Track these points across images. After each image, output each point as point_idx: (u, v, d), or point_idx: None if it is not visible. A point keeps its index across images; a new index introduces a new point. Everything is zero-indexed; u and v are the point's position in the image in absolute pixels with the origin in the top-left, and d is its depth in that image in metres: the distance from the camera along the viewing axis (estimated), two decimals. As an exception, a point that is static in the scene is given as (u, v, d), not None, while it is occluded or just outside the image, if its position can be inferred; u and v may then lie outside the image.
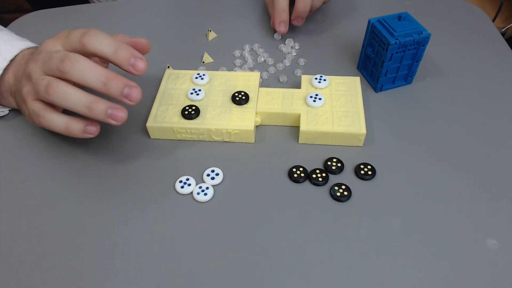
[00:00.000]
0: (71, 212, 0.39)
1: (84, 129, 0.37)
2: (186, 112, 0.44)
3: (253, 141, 0.45)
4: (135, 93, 0.36)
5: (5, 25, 0.53)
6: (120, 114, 0.36)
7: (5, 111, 0.47)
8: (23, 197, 0.41)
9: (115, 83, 0.35)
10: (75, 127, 0.37)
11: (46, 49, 0.38)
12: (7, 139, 0.46)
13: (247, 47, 0.56)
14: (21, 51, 0.44)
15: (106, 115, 0.35)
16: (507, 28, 0.94)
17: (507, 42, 0.58)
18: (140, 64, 0.36)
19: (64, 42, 0.38)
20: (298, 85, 0.49)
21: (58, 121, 0.37)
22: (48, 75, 0.37)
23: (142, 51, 0.39)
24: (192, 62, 0.54)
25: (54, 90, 0.36)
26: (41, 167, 0.43)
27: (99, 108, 0.35)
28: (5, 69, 0.43)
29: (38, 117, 0.38)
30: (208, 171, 0.42)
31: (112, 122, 0.36)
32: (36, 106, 0.38)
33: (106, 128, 0.45)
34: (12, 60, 0.43)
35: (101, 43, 0.36)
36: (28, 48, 0.45)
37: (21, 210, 0.40)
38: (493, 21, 0.90)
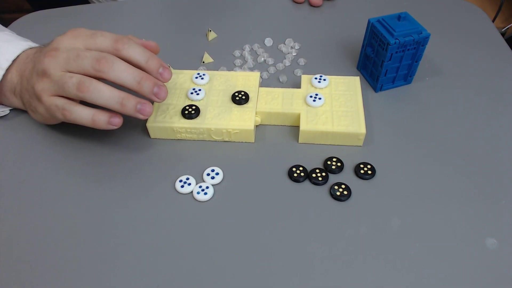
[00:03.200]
0: (71, 212, 0.39)
1: (109, 120, 0.39)
2: (186, 112, 0.44)
3: (253, 140, 0.45)
4: (163, 92, 0.40)
5: (6, 25, 0.53)
6: (148, 109, 0.39)
7: (6, 110, 0.47)
8: (23, 197, 0.41)
9: (148, 83, 0.39)
10: (101, 118, 0.39)
11: (65, 46, 0.39)
12: (7, 139, 0.46)
13: (247, 47, 0.56)
14: (23, 51, 0.44)
15: (135, 110, 0.39)
16: (507, 28, 0.94)
17: (507, 42, 0.58)
18: (167, 74, 0.40)
19: (89, 43, 0.39)
20: (298, 85, 0.49)
21: (84, 114, 0.39)
22: (74, 72, 0.38)
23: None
24: (192, 62, 0.54)
25: (87, 87, 0.37)
26: (41, 167, 0.43)
27: (130, 103, 0.38)
28: (8, 69, 0.43)
29: (63, 111, 0.39)
30: (208, 170, 0.42)
31: (140, 116, 0.39)
32: (59, 101, 0.39)
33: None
34: (14, 60, 0.43)
35: (135, 51, 0.39)
36: (31, 48, 0.45)
37: (21, 210, 0.40)
38: (493, 21, 0.90)
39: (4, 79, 0.43)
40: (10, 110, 0.47)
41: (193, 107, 0.45)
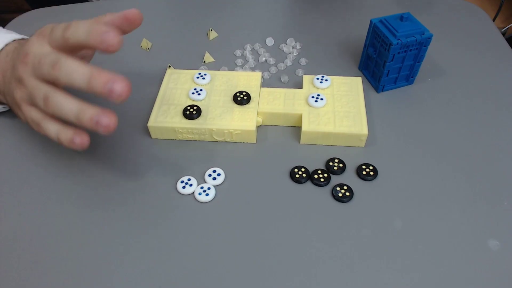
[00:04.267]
0: (71, 213, 0.39)
1: (72, 139, 0.35)
2: (188, 112, 0.44)
3: (254, 141, 0.45)
4: (119, 87, 0.31)
5: (5, 25, 0.53)
6: (105, 120, 0.32)
7: (3, 108, 0.46)
8: (23, 197, 0.40)
9: (98, 80, 0.31)
10: (64, 137, 0.35)
11: (33, 51, 0.36)
12: (7, 139, 0.45)
13: (248, 47, 0.56)
14: (6, 45, 0.41)
15: (93, 123, 0.32)
16: (507, 28, 0.94)
17: (507, 42, 0.58)
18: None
19: (50, 40, 0.36)
20: (299, 85, 0.49)
21: (50, 130, 0.36)
22: (41, 80, 0.35)
23: (133, 24, 0.36)
24: (193, 62, 0.54)
25: (51, 102, 0.34)
26: (41, 167, 0.43)
27: (86, 116, 0.32)
28: None
29: (37, 126, 0.37)
30: (210, 171, 0.42)
31: (100, 129, 0.32)
32: (34, 115, 0.37)
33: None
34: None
35: (79, 31, 0.33)
36: (14, 41, 0.42)
37: (22, 210, 0.40)
38: (493, 21, 0.90)
39: None
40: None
41: (195, 107, 0.44)
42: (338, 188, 0.40)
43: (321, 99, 0.45)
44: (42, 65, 0.35)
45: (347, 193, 0.40)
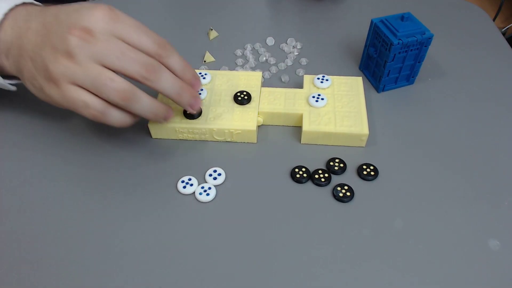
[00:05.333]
0: (72, 212, 0.39)
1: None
2: (188, 112, 0.44)
3: (255, 141, 0.45)
4: (198, 104, 0.40)
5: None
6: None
7: (10, 86, 0.41)
8: (24, 197, 0.40)
9: (186, 95, 0.39)
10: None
11: (101, 31, 0.33)
12: (7, 139, 0.45)
13: (248, 46, 0.56)
14: (16, 5, 0.38)
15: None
16: (507, 28, 0.94)
17: (508, 42, 0.58)
18: (198, 85, 0.41)
19: (132, 39, 0.35)
20: (300, 85, 0.49)
21: (115, 116, 0.36)
22: (111, 69, 0.34)
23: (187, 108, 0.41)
24: (194, 61, 0.54)
25: (131, 98, 0.35)
26: (41, 167, 0.43)
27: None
28: None
29: (96, 113, 0.35)
30: (210, 171, 0.42)
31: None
32: (93, 101, 0.35)
33: (107, 128, 0.45)
34: (6, 14, 0.37)
35: (176, 62, 0.38)
36: (27, 4, 0.39)
37: (22, 210, 0.39)
38: (493, 21, 0.90)
39: None
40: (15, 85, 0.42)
41: (195, 107, 0.44)
42: (338, 188, 0.40)
43: (322, 99, 0.45)
44: (128, 59, 0.34)
45: (348, 193, 0.40)
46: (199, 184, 0.41)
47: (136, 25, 0.36)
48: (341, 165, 0.42)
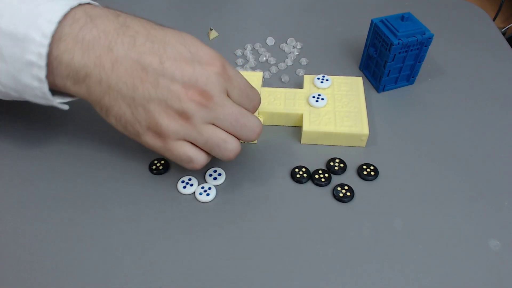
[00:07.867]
0: (72, 213, 0.39)
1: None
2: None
3: (255, 141, 0.45)
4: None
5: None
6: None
7: (64, 105, 0.35)
8: (24, 197, 0.40)
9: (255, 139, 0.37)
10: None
11: (219, 96, 0.33)
12: (7, 140, 0.45)
13: (248, 46, 0.56)
14: (71, 8, 0.31)
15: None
16: (507, 28, 0.94)
17: (508, 42, 0.58)
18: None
19: (239, 100, 0.35)
20: (300, 85, 0.49)
21: (203, 160, 0.36)
22: (220, 128, 0.34)
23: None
24: (194, 61, 0.54)
25: (239, 151, 0.36)
26: (42, 168, 0.43)
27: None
28: (54, 37, 0.29)
29: (191, 163, 0.36)
30: (211, 171, 0.42)
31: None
32: (192, 152, 0.35)
33: (107, 128, 0.45)
34: (60, 23, 0.30)
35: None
36: (81, 4, 0.31)
37: (22, 211, 0.39)
38: (493, 21, 0.90)
39: (51, 55, 0.29)
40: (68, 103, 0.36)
41: (195, 107, 0.44)
42: (339, 188, 0.40)
43: (322, 99, 0.45)
44: (241, 128, 0.35)
45: (348, 193, 0.40)
46: (199, 184, 0.41)
47: (244, 85, 0.36)
48: (341, 165, 0.42)
